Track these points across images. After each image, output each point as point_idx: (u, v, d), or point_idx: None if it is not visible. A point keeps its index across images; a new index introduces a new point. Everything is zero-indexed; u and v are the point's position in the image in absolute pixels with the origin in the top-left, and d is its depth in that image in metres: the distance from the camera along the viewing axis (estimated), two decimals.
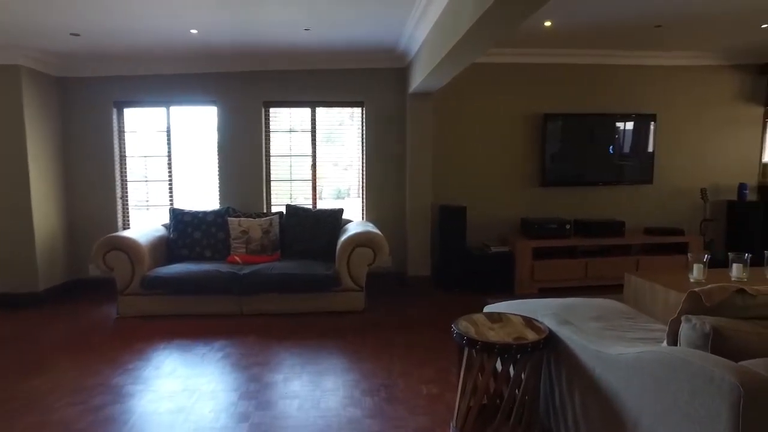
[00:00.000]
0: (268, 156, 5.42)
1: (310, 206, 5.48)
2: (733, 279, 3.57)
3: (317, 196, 5.55)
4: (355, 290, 4.34)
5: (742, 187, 5.68)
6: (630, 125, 5.45)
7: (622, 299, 4.06)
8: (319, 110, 5.42)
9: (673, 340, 1.70)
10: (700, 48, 5.36)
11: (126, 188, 5.44)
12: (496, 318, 2.38)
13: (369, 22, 4.09)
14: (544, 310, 2.78)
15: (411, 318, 4.25)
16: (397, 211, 5.45)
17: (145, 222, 5.40)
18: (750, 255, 3.62)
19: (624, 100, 5.52)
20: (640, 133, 5.48)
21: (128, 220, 5.46)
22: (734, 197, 5.73)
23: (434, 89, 4.91)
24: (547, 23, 4.23)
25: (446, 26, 3.47)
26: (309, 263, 4.44)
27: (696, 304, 1.64)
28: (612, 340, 2.39)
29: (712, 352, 1.45)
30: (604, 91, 5.49)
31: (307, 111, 5.39)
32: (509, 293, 4.98)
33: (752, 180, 5.84)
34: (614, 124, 5.43)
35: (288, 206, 4.99)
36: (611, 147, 5.45)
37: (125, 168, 5.42)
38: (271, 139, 5.41)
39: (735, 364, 1.31)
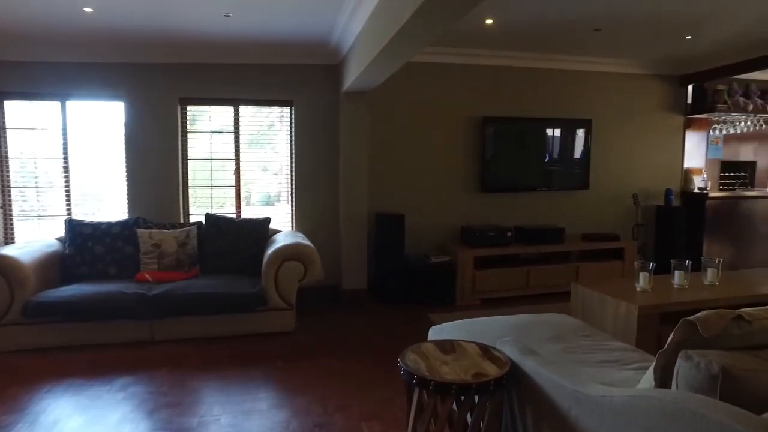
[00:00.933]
0: (185, 159, 4.83)
1: (234, 215, 4.95)
2: (675, 286, 3.51)
3: (244, 203, 5.03)
4: (285, 309, 3.89)
5: (668, 192, 5.82)
6: (567, 130, 5.42)
7: (568, 309, 3.91)
8: (245, 110, 4.91)
9: (661, 376, 1.44)
10: (631, 56, 5.43)
11: (8, 195, 4.62)
12: (449, 348, 2.06)
13: (298, 10, 3.68)
14: (498, 333, 2.51)
15: (347, 338, 3.86)
16: (330, 220, 5.05)
17: (34, 235, 4.62)
18: (691, 262, 3.59)
19: (561, 105, 5.47)
20: (576, 138, 5.45)
21: (12, 234, 4.65)
22: (662, 202, 5.86)
23: (370, 88, 4.58)
24: (489, 21, 4.02)
25: (383, 18, 3.14)
26: (232, 280, 3.93)
27: (689, 335, 1.39)
28: (575, 366, 2.14)
29: (721, 398, 1.20)
30: (542, 96, 5.41)
31: (230, 110, 4.87)
32: (451, 305, 4.73)
33: (677, 186, 6.02)
34: (552, 129, 5.37)
35: (208, 216, 4.44)
36: (549, 152, 5.38)
37: (7, 171, 4.60)
38: (188, 141, 4.83)
39: (764, 419, 1.05)
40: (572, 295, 3.72)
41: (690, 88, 5.95)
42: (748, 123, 6.15)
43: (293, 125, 4.95)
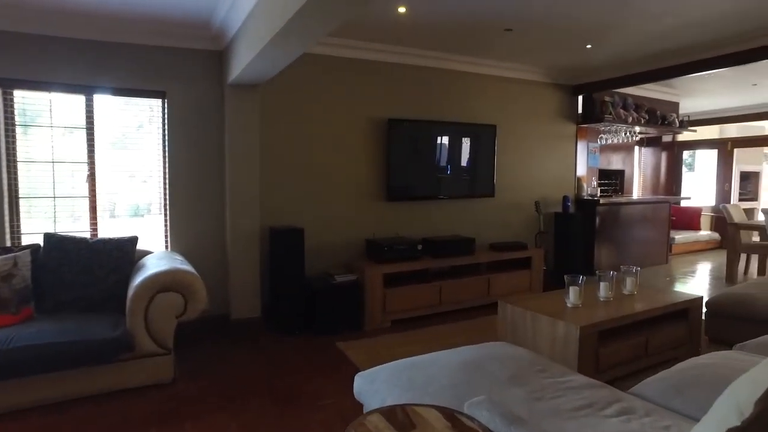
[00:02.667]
0: (12, 162, 3.68)
1: (88, 233, 3.91)
2: (601, 298, 3.35)
3: (107, 215, 4.03)
4: (160, 354, 3.04)
5: (565, 199, 5.91)
6: (474, 135, 5.20)
7: (494, 328, 3.60)
8: (105, 102, 3.91)
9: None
10: (532, 63, 5.40)
11: None
12: (404, 420, 1.50)
13: None
14: (447, 379, 2.03)
15: (242, 383, 3.12)
16: (215, 237, 4.23)
17: None
18: (615, 273, 3.47)
19: (467, 109, 5.23)
20: (483, 144, 5.26)
21: None
22: (560, 209, 5.93)
23: (262, 81, 3.89)
24: (402, 9, 3.59)
25: None
26: (83, 321, 2.97)
27: None
28: (556, 422, 1.73)
29: None
30: (448, 98, 5.13)
31: (81, 100, 3.84)
32: (360, 330, 4.18)
33: (572, 193, 6.15)
34: (459, 134, 5.11)
35: (48, 236, 3.38)
36: (456, 158, 5.11)
37: None
38: (18, 137, 3.70)
39: None
40: (500, 315, 3.39)
41: (581, 98, 6.13)
42: (627, 133, 6.53)
43: (166, 122, 4.06)
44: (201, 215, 4.18)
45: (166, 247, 4.14)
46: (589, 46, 4.71)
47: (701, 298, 3.59)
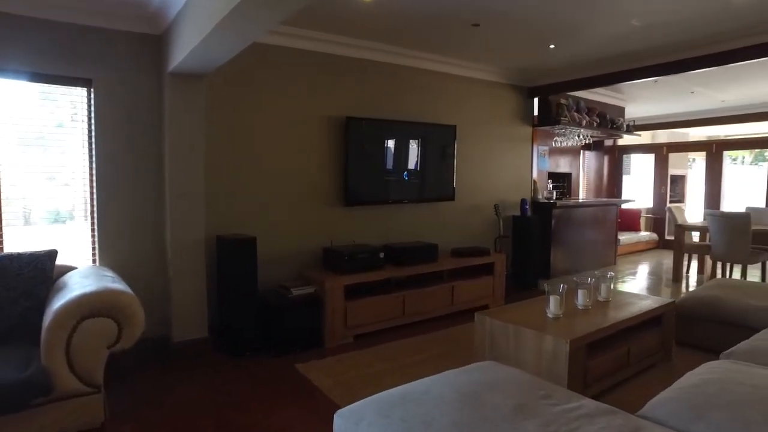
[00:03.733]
0: None
1: None
2: (580, 307, 3.19)
3: (21, 222, 3.42)
4: (86, 393, 2.52)
5: (523, 202, 5.82)
6: (434, 136, 4.96)
7: (462, 338, 3.36)
8: (12, 90, 3.30)
9: None
10: (492, 63, 5.26)
11: None
12: None
13: None
14: (448, 416, 1.73)
15: (187, 422, 2.67)
16: (153, 248, 3.71)
17: None
18: (594, 279, 3.33)
19: (426, 108, 4.99)
20: (443, 145, 5.04)
21: None
22: (518, 212, 5.83)
23: (207, 71, 3.43)
24: None
25: None
26: None
27: None
28: None
29: None
30: (409, 97, 4.87)
31: None
32: (320, 348, 3.81)
33: (528, 196, 6.08)
34: (419, 134, 4.85)
35: None
36: (417, 159, 4.86)
37: None
38: None
39: None
40: (477, 328, 3.14)
41: (536, 100, 6.08)
42: (580, 137, 6.57)
43: (92, 115, 3.50)
44: (136, 223, 3.65)
45: (94, 260, 3.56)
46: (552, 46, 4.61)
47: (674, 302, 3.54)
